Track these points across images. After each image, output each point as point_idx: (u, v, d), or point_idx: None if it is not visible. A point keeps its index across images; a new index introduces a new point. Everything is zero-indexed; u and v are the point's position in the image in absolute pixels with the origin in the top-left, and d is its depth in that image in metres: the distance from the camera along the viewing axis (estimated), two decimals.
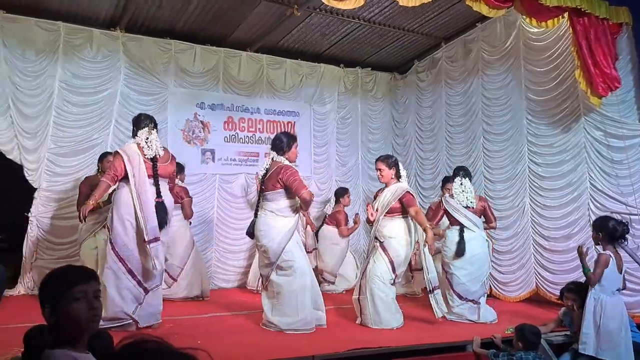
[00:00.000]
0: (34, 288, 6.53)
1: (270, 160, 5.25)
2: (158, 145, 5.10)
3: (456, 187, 5.85)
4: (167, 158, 5.21)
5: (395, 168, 5.54)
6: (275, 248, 5.00)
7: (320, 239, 7.85)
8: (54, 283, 2.06)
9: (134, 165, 4.89)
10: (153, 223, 4.87)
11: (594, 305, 4.37)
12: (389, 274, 5.32)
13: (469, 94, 7.79)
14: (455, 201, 5.80)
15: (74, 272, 2.12)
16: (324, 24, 7.68)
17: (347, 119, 9.18)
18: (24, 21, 6.73)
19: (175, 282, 6.64)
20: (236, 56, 8.22)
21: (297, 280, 5.00)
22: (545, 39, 6.57)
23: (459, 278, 5.67)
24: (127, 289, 4.84)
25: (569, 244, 6.28)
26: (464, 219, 5.75)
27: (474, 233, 5.72)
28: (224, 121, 8.18)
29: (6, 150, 6.63)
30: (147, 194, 4.89)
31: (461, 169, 6.00)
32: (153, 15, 7.22)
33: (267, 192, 5.11)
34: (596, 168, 6.09)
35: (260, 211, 5.16)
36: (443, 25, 7.83)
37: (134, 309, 4.85)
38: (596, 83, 5.72)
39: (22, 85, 6.71)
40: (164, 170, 5.10)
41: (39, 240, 6.71)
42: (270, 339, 4.73)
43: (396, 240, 5.37)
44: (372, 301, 5.29)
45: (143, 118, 5.20)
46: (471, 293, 5.68)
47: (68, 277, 2.06)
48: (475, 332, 4.85)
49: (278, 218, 5.07)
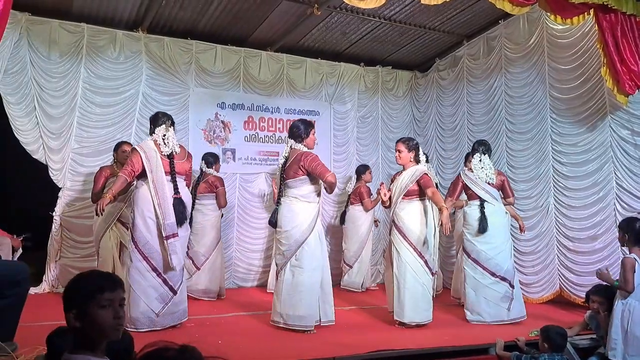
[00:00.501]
0: (58, 286, 6.64)
1: (289, 149, 5.24)
2: (175, 142, 5.12)
3: (475, 164, 5.82)
4: (184, 155, 5.24)
5: (414, 151, 5.51)
6: (298, 237, 4.99)
7: (346, 222, 7.94)
8: (81, 288, 2.06)
9: (152, 162, 4.92)
10: (171, 219, 4.89)
11: (622, 310, 4.27)
12: (417, 261, 5.27)
13: (491, 92, 7.69)
14: (475, 175, 5.78)
15: (101, 279, 2.11)
16: (344, 22, 7.65)
17: (367, 118, 9.14)
18: (49, 23, 6.81)
19: (198, 270, 6.70)
20: (257, 56, 8.22)
21: (308, 274, 4.98)
22: (570, 36, 6.47)
23: (486, 253, 5.64)
24: (153, 287, 4.88)
25: (595, 245, 6.18)
26: (483, 192, 5.73)
27: (493, 207, 5.71)
28: (244, 121, 8.20)
29: (32, 150, 6.72)
30: (165, 190, 4.92)
31: (482, 144, 5.93)
32: (175, 16, 7.26)
33: (289, 180, 5.11)
34: (622, 167, 5.98)
35: (284, 199, 5.16)
36: (465, 22, 7.75)
37: (160, 308, 4.86)
38: (623, 81, 5.61)
39: (47, 86, 6.79)
40: (181, 167, 5.13)
41: (62, 238, 6.81)
42: (286, 340, 4.71)
43: (414, 224, 5.33)
44: (397, 292, 5.27)
45: (160, 116, 5.24)
46: (504, 270, 5.63)
47: (96, 284, 2.06)
48: (498, 335, 4.79)
49: (303, 204, 5.08)
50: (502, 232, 5.76)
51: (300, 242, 5.00)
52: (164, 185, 4.92)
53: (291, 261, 5.01)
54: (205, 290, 6.72)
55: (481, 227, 5.65)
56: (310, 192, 5.13)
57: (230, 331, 5.10)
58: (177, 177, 5.05)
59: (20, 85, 6.62)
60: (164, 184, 4.93)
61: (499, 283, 5.62)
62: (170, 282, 4.94)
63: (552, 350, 4.13)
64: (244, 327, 5.28)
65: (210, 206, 6.86)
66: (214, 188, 6.84)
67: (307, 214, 5.07)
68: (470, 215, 5.78)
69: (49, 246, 6.79)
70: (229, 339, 4.72)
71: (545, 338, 4.20)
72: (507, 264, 5.68)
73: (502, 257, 5.67)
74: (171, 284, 4.94)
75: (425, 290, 5.29)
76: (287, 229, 5.06)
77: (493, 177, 5.77)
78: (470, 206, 5.83)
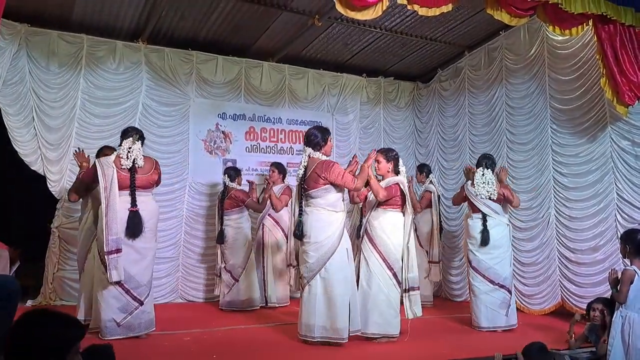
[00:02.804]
0: (56, 299, 6.65)
1: (307, 157, 5.07)
2: (139, 155, 5.11)
3: (477, 178, 5.88)
4: (150, 168, 5.19)
5: (393, 162, 5.41)
6: (329, 247, 4.86)
7: None
8: (47, 341, 1.84)
9: (107, 180, 4.95)
10: (114, 235, 4.86)
11: (622, 324, 4.20)
12: (384, 272, 5.10)
13: (492, 103, 7.67)
14: (475, 191, 5.84)
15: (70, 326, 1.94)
16: (345, 33, 7.65)
17: (369, 129, 9.11)
18: (48, 34, 6.84)
19: (237, 282, 6.76)
20: (258, 66, 8.23)
21: (339, 285, 4.84)
22: (570, 46, 6.44)
23: (486, 262, 5.77)
24: (115, 297, 4.89)
25: (596, 256, 6.12)
26: (484, 207, 5.85)
27: (495, 220, 5.82)
28: (246, 131, 8.19)
29: (30, 161, 6.72)
30: (116, 206, 4.91)
31: (485, 158, 6.03)
32: (175, 27, 7.28)
33: (312, 191, 4.96)
34: (623, 178, 5.93)
35: (308, 209, 4.97)
36: (466, 33, 7.74)
37: (121, 318, 4.87)
38: (622, 91, 5.57)
39: (46, 97, 6.80)
40: (145, 180, 5.11)
41: (60, 251, 6.79)
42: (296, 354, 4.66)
43: (386, 234, 5.17)
44: (362, 302, 5.10)
45: (130, 130, 5.29)
46: (502, 278, 5.76)
47: (72, 334, 1.91)
48: (495, 344, 4.75)
49: (331, 213, 4.95)
50: (503, 244, 5.89)
51: (330, 253, 4.85)
52: (115, 202, 4.91)
53: (320, 273, 4.85)
54: (247, 300, 6.78)
55: (483, 240, 5.77)
56: (336, 200, 5.00)
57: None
58: (140, 191, 5.05)
59: (19, 96, 6.63)
60: (116, 200, 4.92)
61: (497, 290, 5.75)
62: (134, 292, 4.94)
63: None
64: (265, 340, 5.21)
65: (238, 220, 6.93)
66: (240, 202, 6.89)
67: (338, 223, 4.96)
68: (473, 227, 5.89)
69: (46, 259, 6.76)
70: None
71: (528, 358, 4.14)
72: (506, 272, 5.83)
73: (502, 265, 5.82)
74: (135, 294, 4.94)
75: (392, 303, 5.08)
76: (318, 240, 4.88)
77: (494, 192, 5.83)
78: (473, 218, 5.92)
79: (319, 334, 4.78)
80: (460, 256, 7.77)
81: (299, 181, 5.13)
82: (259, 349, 4.84)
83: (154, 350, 4.67)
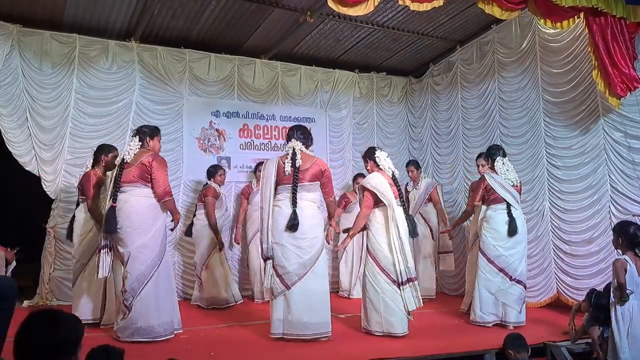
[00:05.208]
0: (52, 299, 6.66)
1: (299, 151, 5.06)
2: (129, 150, 5.11)
3: (499, 167, 5.83)
4: (135, 162, 5.06)
5: (370, 161, 5.53)
6: (321, 243, 4.98)
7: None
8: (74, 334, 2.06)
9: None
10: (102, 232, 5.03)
11: (622, 312, 4.16)
12: (374, 270, 5.15)
13: (485, 96, 7.70)
14: (501, 177, 5.77)
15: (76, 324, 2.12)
16: (337, 29, 7.66)
17: (362, 124, 9.13)
18: (40, 34, 6.82)
19: (199, 279, 6.92)
20: (251, 64, 8.23)
21: (324, 282, 4.99)
22: (561, 39, 6.47)
23: (507, 258, 5.64)
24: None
25: (590, 248, 6.14)
26: (509, 195, 5.71)
27: (517, 211, 5.73)
28: (239, 129, 8.21)
29: (24, 162, 6.70)
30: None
31: (499, 148, 6.03)
32: (167, 25, 7.27)
33: (307, 183, 5.00)
34: (617, 170, 5.95)
35: (301, 202, 4.94)
36: (458, 28, 7.76)
37: (119, 319, 4.88)
38: (614, 83, 5.60)
39: (39, 97, 6.78)
40: (126, 175, 5.02)
41: (56, 251, 6.79)
42: (279, 351, 4.66)
43: (372, 232, 5.24)
44: (363, 300, 5.29)
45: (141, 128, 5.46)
46: (518, 273, 5.66)
47: (79, 332, 2.08)
48: (493, 340, 4.75)
49: (318, 209, 5.10)
50: (524, 237, 5.80)
51: (322, 249, 4.98)
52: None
53: (313, 268, 4.86)
54: (209, 298, 6.79)
55: (511, 230, 5.62)
56: (320, 197, 5.17)
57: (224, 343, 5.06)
58: (124, 186, 4.98)
59: (12, 97, 6.61)
60: None
61: (514, 285, 5.66)
62: (123, 297, 4.87)
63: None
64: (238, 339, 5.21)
65: (200, 216, 6.96)
66: (202, 198, 6.95)
67: (320, 219, 5.11)
68: (496, 219, 5.73)
69: (42, 259, 6.76)
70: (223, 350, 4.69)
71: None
72: (522, 267, 5.73)
73: (521, 262, 5.73)
74: (122, 299, 4.86)
75: (387, 300, 5.07)
76: (314, 236, 4.93)
77: (517, 180, 5.86)
78: (495, 210, 5.77)
79: (313, 331, 4.79)
80: (457, 250, 7.78)
81: (291, 170, 4.97)
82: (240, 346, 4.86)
83: (154, 349, 4.66)
